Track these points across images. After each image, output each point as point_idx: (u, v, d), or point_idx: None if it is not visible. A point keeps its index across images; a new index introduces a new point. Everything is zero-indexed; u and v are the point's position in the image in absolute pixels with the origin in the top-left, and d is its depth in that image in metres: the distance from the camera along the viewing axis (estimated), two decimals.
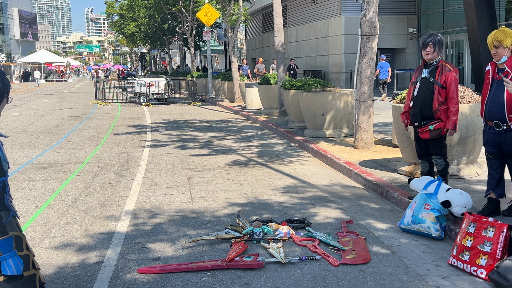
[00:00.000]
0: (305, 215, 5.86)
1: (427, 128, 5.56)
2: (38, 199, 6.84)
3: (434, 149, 5.70)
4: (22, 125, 15.95)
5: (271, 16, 21.22)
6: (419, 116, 5.61)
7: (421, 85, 5.61)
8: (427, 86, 5.56)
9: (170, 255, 4.72)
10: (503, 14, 22.23)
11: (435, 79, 5.52)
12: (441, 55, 5.64)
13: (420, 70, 5.72)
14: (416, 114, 5.63)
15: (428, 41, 5.48)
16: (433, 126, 5.53)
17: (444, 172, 5.71)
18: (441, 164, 5.69)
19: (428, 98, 5.54)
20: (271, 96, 16.64)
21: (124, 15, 45.10)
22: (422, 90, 5.59)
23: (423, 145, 5.78)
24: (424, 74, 5.60)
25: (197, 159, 9.56)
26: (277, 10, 15.02)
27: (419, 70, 5.74)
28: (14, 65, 72.75)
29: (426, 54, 5.53)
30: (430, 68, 5.58)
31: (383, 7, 21.10)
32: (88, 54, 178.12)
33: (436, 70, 5.55)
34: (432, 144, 5.68)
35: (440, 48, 5.52)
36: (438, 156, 5.70)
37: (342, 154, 8.90)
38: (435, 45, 5.46)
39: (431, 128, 5.54)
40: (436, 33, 5.58)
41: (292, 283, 4.06)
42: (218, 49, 65.41)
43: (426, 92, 5.56)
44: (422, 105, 5.58)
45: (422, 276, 4.16)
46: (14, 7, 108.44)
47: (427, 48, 5.49)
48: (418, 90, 5.62)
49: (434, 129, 5.54)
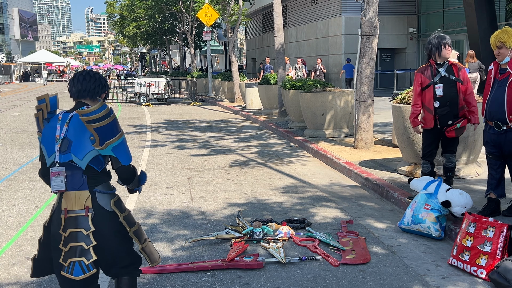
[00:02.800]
0: (305, 215, 5.86)
1: (455, 126, 5.55)
2: (38, 199, 6.84)
3: (452, 147, 5.72)
4: (22, 125, 15.95)
5: (271, 16, 21.21)
6: (451, 114, 5.55)
7: (444, 84, 5.55)
8: (450, 85, 5.54)
9: (170, 255, 4.72)
10: (503, 14, 22.23)
11: (456, 77, 5.53)
12: None
13: (430, 71, 5.62)
14: (449, 113, 5.54)
15: (447, 41, 5.53)
16: (460, 124, 5.55)
17: (454, 169, 5.80)
18: (454, 161, 5.76)
19: (455, 96, 5.54)
20: (271, 96, 16.64)
21: (125, 15, 45.11)
22: (447, 89, 5.53)
23: (435, 145, 5.77)
24: (443, 73, 5.56)
25: (197, 159, 9.56)
26: (277, 10, 15.02)
27: (429, 71, 5.63)
28: (14, 65, 72.71)
29: (448, 53, 5.56)
30: (445, 67, 5.57)
31: (383, 7, 21.08)
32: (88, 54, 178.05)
33: (452, 68, 5.57)
34: (452, 142, 5.70)
35: None
36: (453, 154, 5.74)
37: (342, 154, 8.90)
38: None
39: (458, 126, 5.55)
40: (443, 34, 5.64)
41: (292, 283, 4.06)
42: (218, 49, 65.41)
43: (452, 91, 5.54)
44: (451, 104, 5.54)
45: (422, 276, 4.16)
46: (14, 7, 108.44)
47: (448, 48, 5.52)
48: (443, 89, 5.54)
49: (461, 127, 5.57)
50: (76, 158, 2.91)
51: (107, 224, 2.99)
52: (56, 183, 2.93)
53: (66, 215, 2.95)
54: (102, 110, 2.87)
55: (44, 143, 2.99)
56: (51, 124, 3.01)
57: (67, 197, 2.97)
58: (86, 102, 3.05)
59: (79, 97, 3.06)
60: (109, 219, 3.01)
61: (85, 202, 2.96)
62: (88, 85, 3.05)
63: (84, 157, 2.92)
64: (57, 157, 2.93)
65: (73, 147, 2.91)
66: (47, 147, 2.98)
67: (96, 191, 2.99)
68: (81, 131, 2.91)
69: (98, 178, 3.01)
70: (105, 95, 3.16)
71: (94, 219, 2.95)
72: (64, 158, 2.93)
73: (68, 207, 2.96)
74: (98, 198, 2.99)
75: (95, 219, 2.96)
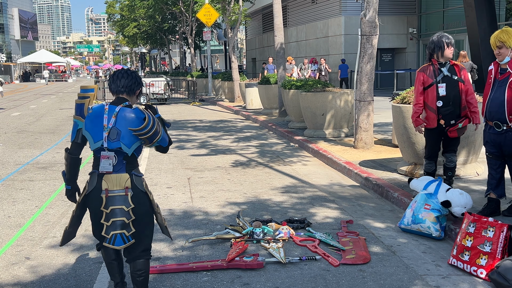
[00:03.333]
0: (305, 215, 5.86)
1: (457, 126, 5.57)
2: (38, 199, 6.84)
3: (454, 146, 5.74)
4: (22, 125, 15.95)
5: (271, 16, 21.16)
6: (454, 114, 5.57)
7: (447, 83, 5.56)
8: (452, 85, 5.55)
9: (170, 255, 4.72)
10: (503, 14, 22.22)
11: (458, 77, 5.54)
12: None
13: (431, 70, 5.62)
14: (452, 112, 5.56)
15: (450, 40, 5.56)
16: (462, 123, 5.57)
17: (455, 169, 5.82)
18: (455, 161, 5.78)
19: (458, 96, 5.56)
20: (271, 96, 16.64)
21: (125, 15, 45.11)
22: (450, 88, 5.54)
23: (439, 145, 5.78)
24: (445, 73, 5.57)
25: (197, 159, 9.56)
26: (277, 10, 15.02)
27: (431, 70, 5.63)
28: (14, 65, 72.68)
29: (451, 53, 5.59)
30: (447, 67, 5.58)
31: (383, 7, 21.08)
32: (88, 54, 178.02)
33: (454, 68, 5.58)
34: (453, 142, 5.72)
35: None
36: (453, 154, 5.76)
37: (342, 154, 8.90)
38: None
39: (460, 126, 5.57)
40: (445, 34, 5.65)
41: (292, 283, 4.06)
42: (218, 49, 65.42)
43: (455, 90, 5.55)
44: (454, 103, 5.55)
45: (422, 276, 4.16)
46: (14, 7, 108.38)
47: (450, 48, 5.55)
48: (446, 89, 5.54)
49: (463, 127, 5.59)
50: (125, 146, 3.45)
51: (142, 203, 3.53)
52: (104, 165, 3.46)
53: (107, 195, 3.46)
54: (148, 127, 3.43)
55: (89, 130, 3.50)
56: (95, 114, 3.50)
57: (108, 179, 3.47)
58: (124, 97, 3.55)
59: (117, 93, 3.56)
60: (144, 198, 3.55)
61: (125, 183, 3.48)
62: (125, 82, 3.53)
63: (132, 146, 3.47)
64: (105, 143, 3.44)
65: (122, 136, 3.44)
66: (93, 134, 3.48)
67: (133, 174, 3.53)
68: (128, 125, 3.44)
69: (134, 163, 3.56)
70: (139, 92, 3.64)
71: (132, 198, 3.48)
72: (113, 145, 3.45)
73: (109, 187, 3.47)
74: (135, 180, 3.52)
75: (133, 198, 3.48)
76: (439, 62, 5.60)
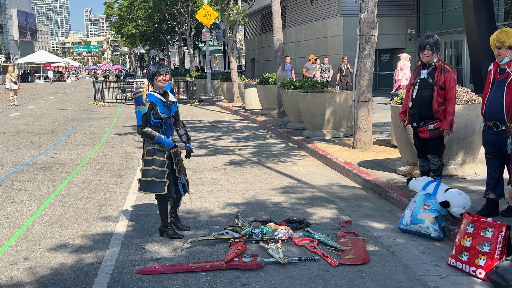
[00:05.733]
0: (304, 215, 5.86)
1: (427, 127, 5.62)
2: (37, 199, 6.84)
3: (432, 148, 5.76)
4: (21, 125, 15.94)
5: (270, 17, 21.13)
6: (417, 117, 5.68)
7: (420, 86, 5.66)
8: (425, 87, 5.61)
9: (169, 255, 4.72)
10: (501, 14, 22.24)
11: (434, 80, 5.56)
12: (439, 55, 5.68)
13: (418, 71, 5.76)
14: (414, 115, 5.70)
15: (425, 43, 5.53)
16: (433, 125, 5.61)
17: (438, 172, 5.78)
18: (436, 163, 5.77)
19: (427, 99, 5.60)
20: (270, 96, 16.64)
21: (123, 16, 45.08)
22: (421, 91, 5.64)
23: (423, 144, 5.82)
24: (423, 75, 5.65)
25: (196, 159, 9.55)
26: (276, 10, 15.02)
27: (417, 70, 5.78)
28: (13, 65, 72.56)
29: (424, 57, 5.61)
30: (429, 69, 5.62)
31: (382, 7, 21.07)
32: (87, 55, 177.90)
33: (435, 71, 5.59)
34: (431, 144, 5.74)
35: (437, 49, 5.57)
36: (434, 156, 5.77)
37: (341, 155, 8.90)
38: (432, 47, 5.54)
39: (431, 128, 5.61)
40: (432, 35, 5.63)
41: (291, 284, 4.06)
42: (217, 50, 65.39)
43: (425, 93, 5.60)
44: (421, 106, 5.64)
45: (421, 277, 4.16)
46: (13, 7, 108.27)
47: (424, 51, 5.57)
48: (417, 91, 5.66)
49: (434, 129, 5.62)
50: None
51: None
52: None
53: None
54: None
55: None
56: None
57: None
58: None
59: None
60: None
61: None
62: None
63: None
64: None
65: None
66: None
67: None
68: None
69: None
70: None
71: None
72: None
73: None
74: None
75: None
76: (423, 63, 5.67)
